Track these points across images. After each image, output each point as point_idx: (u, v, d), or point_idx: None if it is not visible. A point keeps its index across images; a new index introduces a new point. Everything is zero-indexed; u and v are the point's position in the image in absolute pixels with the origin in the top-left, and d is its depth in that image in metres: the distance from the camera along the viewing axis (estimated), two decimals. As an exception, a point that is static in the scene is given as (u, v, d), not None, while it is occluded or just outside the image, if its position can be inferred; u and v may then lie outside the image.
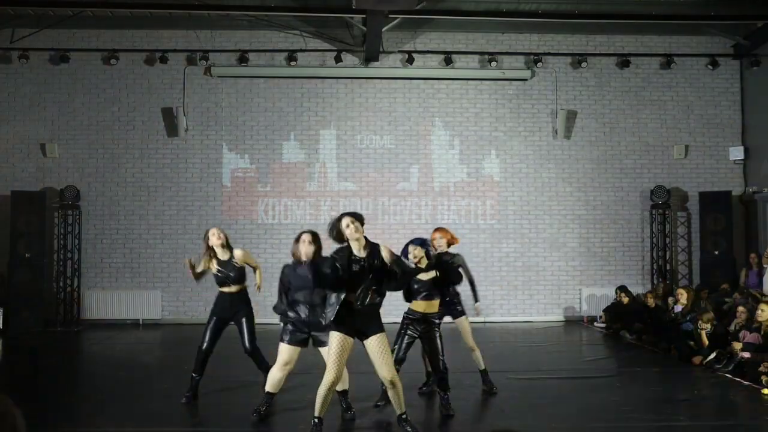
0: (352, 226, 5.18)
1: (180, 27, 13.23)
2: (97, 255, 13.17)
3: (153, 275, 13.17)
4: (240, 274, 6.94)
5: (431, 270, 6.28)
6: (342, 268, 5.17)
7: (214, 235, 6.93)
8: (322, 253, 5.97)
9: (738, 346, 8.23)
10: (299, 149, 13.46)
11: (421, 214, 13.45)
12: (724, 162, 13.83)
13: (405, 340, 6.39)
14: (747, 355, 8.00)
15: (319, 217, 13.18)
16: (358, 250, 5.23)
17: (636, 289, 12.79)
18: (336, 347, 5.20)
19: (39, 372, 8.50)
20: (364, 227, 5.30)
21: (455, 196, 13.52)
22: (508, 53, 13.64)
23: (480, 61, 13.64)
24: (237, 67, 13.31)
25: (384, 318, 5.41)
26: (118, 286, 13.13)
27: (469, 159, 13.58)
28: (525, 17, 12.73)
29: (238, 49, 13.27)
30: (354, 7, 11.16)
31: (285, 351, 6.07)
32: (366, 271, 5.18)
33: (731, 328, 9.06)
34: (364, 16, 11.73)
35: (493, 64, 13.39)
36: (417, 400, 6.87)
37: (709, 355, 8.53)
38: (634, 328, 11.07)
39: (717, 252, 13.04)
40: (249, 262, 7.09)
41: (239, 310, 6.91)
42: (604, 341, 11.32)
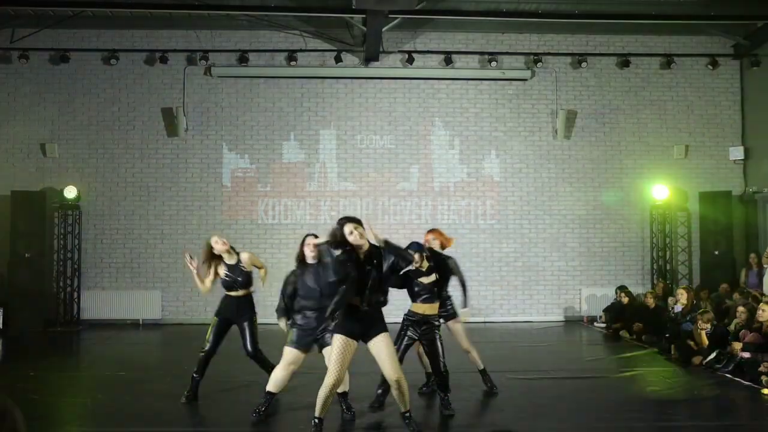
0: (356, 232, 5.19)
1: (180, 27, 13.22)
2: (97, 255, 13.17)
3: (153, 275, 13.18)
4: (247, 279, 6.97)
5: (432, 273, 6.32)
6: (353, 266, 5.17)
7: (218, 243, 6.90)
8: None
9: (738, 346, 8.23)
10: (299, 149, 13.46)
11: (421, 214, 13.45)
12: (724, 162, 13.83)
13: (404, 342, 6.40)
14: (747, 355, 8.01)
15: (319, 217, 13.19)
16: (362, 255, 5.23)
17: (636, 289, 12.78)
18: (338, 350, 5.19)
19: (39, 372, 8.49)
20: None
21: (455, 196, 13.52)
22: (508, 53, 13.63)
23: (480, 61, 13.63)
24: (237, 67, 13.31)
25: (384, 318, 5.40)
26: (118, 286, 13.13)
27: (469, 159, 13.58)
28: (525, 17, 12.74)
29: (238, 49, 13.27)
30: (354, 7, 11.16)
31: (290, 352, 6.10)
32: (370, 274, 5.19)
33: (731, 328, 9.07)
34: (364, 16, 11.73)
35: (493, 64, 13.39)
36: (417, 400, 6.85)
37: (709, 355, 8.53)
38: (634, 328, 11.08)
39: (717, 252, 13.04)
40: (256, 263, 7.13)
41: (244, 313, 6.93)
42: (604, 341, 11.33)
